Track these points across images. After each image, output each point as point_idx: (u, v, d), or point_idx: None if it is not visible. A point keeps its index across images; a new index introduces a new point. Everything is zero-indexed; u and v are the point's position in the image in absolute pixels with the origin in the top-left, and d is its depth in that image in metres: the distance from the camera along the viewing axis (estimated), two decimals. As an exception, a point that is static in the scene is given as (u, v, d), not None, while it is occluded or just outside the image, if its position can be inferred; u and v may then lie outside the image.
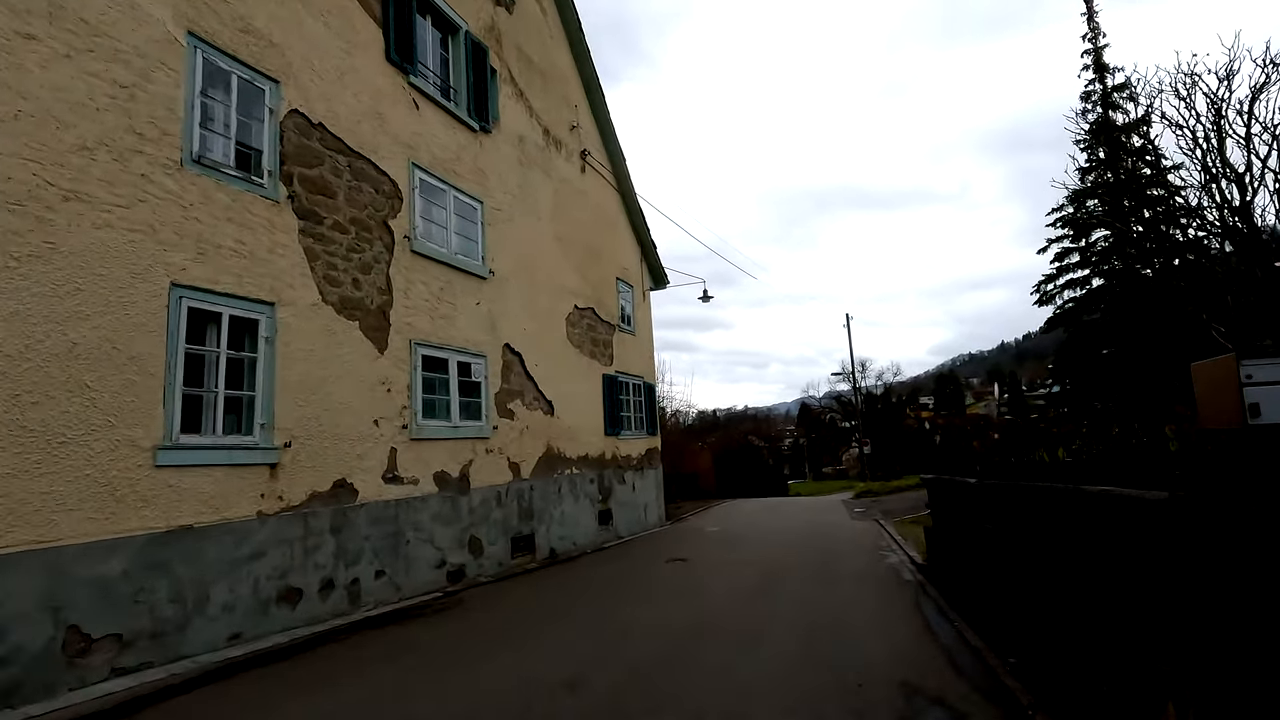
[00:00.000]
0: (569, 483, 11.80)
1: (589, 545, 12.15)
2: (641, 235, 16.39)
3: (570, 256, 12.79)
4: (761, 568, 8.86)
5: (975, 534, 5.71)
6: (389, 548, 7.54)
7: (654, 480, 15.86)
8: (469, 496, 9.01)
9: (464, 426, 9.05)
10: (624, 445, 14.28)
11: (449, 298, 9.03)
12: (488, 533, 9.34)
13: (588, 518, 12.33)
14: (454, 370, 8.98)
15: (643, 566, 9.72)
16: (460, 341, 9.14)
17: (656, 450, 16.28)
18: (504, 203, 10.61)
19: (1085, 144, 20.47)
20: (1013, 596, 4.66)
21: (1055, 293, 21.52)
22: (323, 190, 7.17)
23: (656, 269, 17.13)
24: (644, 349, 16.17)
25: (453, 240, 9.25)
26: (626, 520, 13.98)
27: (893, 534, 12.13)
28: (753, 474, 43.13)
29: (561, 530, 11.34)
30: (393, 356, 7.89)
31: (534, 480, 10.66)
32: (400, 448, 7.86)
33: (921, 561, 8.65)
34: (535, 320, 11.20)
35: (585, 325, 13.12)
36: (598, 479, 12.90)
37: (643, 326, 16.26)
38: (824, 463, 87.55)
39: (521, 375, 10.64)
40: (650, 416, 15.99)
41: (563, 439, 11.71)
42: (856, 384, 37.63)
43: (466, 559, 8.85)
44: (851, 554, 9.96)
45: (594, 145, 14.34)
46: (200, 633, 5.45)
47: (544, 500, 10.91)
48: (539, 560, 10.51)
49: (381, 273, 7.88)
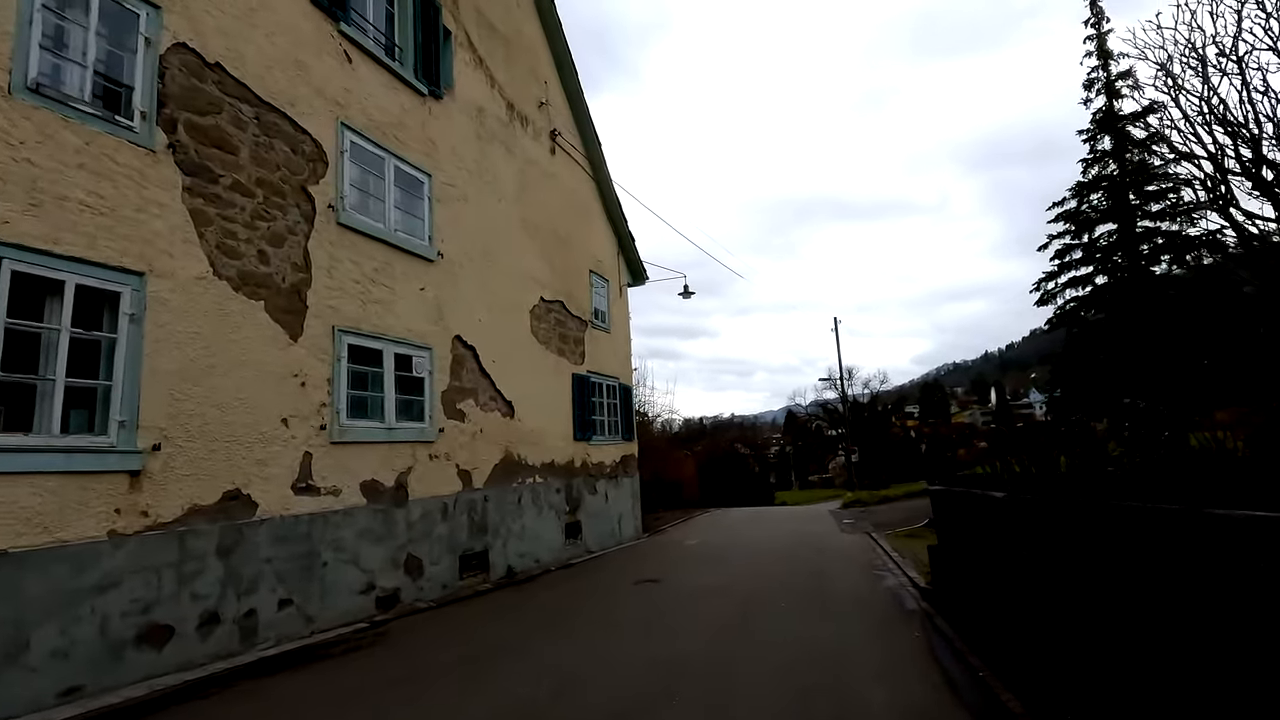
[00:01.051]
0: (531, 493, 10.62)
1: (553, 562, 10.96)
2: (618, 226, 15.30)
3: (537, 244, 11.66)
4: (742, 593, 7.74)
5: (1004, 560, 4.63)
6: (299, 571, 6.32)
7: (629, 489, 14.70)
8: (406, 509, 7.81)
9: (401, 428, 7.86)
10: (596, 451, 13.12)
11: (386, 280, 7.86)
12: (430, 551, 8.14)
13: (552, 531, 11.15)
14: (390, 363, 7.79)
15: (607, 590, 8.56)
16: (399, 331, 7.96)
17: (633, 457, 15.13)
18: (458, 178, 9.47)
19: (1089, 134, 19.70)
20: (1070, 648, 3.57)
21: (1057, 291, 20.58)
22: (220, 143, 6.00)
23: (635, 264, 16.04)
24: (620, 348, 15.05)
25: (392, 215, 8.09)
26: (598, 533, 12.81)
27: (887, 550, 11.06)
28: (738, 482, 42.10)
29: (521, 546, 10.15)
30: (310, 344, 6.70)
31: (489, 490, 9.47)
32: (317, 452, 6.66)
33: (925, 585, 7.57)
34: (494, 311, 10.04)
35: (553, 320, 11.98)
36: (565, 488, 11.73)
37: (619, 324, 15.15)
38: (810, 471, 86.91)
39: (475, 372, 9.46)
40: (626, 421, 14.86)
41: (524, 444, 10.53)
42: (844, 389, 36.75)
43: (402, 582, 7.64)
44: (844, 574, 8.87)
45: (566, 127, 13.26)
46: (13, 689, 4.22)
47: (500, 512, 9.72)
48: (493, 580, 9.31)
49: (298, 246, 6.70)
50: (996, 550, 4.76)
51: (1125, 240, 18.13)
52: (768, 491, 48.73)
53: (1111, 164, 19.03)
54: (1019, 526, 4.26)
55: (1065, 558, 3.55)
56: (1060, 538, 3.58)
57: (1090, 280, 19.47)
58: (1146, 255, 18.06)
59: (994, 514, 4.76)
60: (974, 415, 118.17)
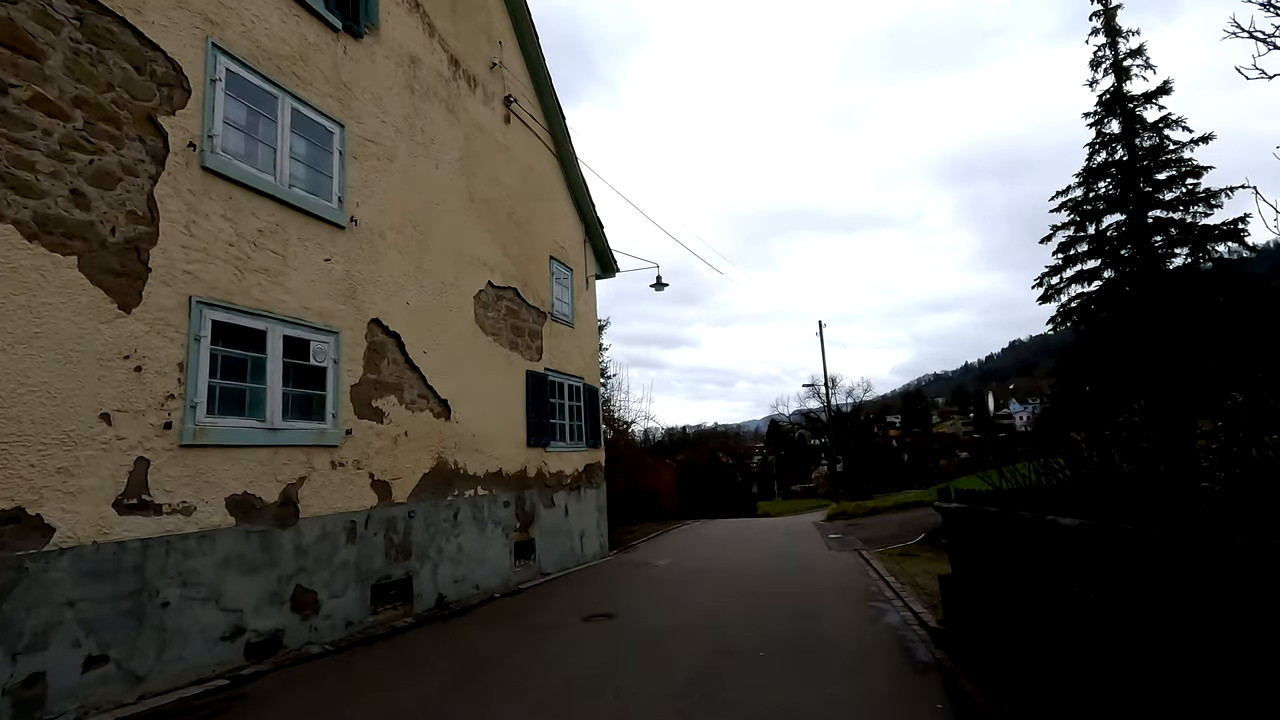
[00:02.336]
0: (471, 507, 9.09)
1: (498, 587, 9.43)
2: (585, 211, 13.88)
3: (487, 222, 10.20)
4: (711, 635, 6.29)
5: (1081, 616, 3.24)
6: (121, 617, 4.76)
7: (594, 502, 13.20)
8: (296, 530, 6.27)
9: (290, 429, 6.33)
10: (554, 459, 11.62)
11: (275, 245, 6.35)
12: (329, 581, 6.59)
13: (498, 552, 9.61)
14: (277, 348, 6.27)
15: (549, 628, 7.05)
16: (291, 309, 6.45)
17: (599, 466, 13.65)
18: (381, 134, 8.00)
19: (1095, 117, 18.56)
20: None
21: (1061, 287, 19.37)
22: (11, 41, 4.48)
23: (603, 253, 14.63)
24: (585, 345, 13.60)
25: (286, 167, 6.59)
26: (555, 552, 11.29)
27: (881, 572, 9.69)
28: (719, 492, 40.61)
29: (457, 570, 8.62)
30: (152, 317, 5.17)
31: (415, 505, 7.94)
32: (159, 458, 5.12)
33: (936, 625, 6.18)
34: (427, 294, 8.55)
35: (504, 309, 10.50)
36: (515, 502, 10.21)
37: (585, 319, 13.70)
38: (793, 480, 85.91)
39: (400, 364, 7.95)
40: (592, 425, 13.38)
41: (463, 450, 9.02)
42: (829, 395, 35.60)
43: (287, 621, 6.08)
44: (836, 606, 7.46)
45: (524, 96, 11.84)
46: None
47: (430, 531, 8.19)
48: (418, 613, 7.76)
49: (139, 190, 5.17)
50: (1066, 601, 3.37)
51: (1136, 231, 16.98)
52: (750, 502, 47.31)
53: (1120, 149, 17.95)
54: (1115, 571, 2.87)
55: (1225, 630, 2.16)
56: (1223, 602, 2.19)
57: (1098, 274, 18.28)
58: (1160, 247, 16.96)
59: (1060, 548, 3.37)
60: (955, 425, 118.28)
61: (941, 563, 11.27)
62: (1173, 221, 16.98)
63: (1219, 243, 16.17)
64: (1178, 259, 16.84)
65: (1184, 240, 16.70)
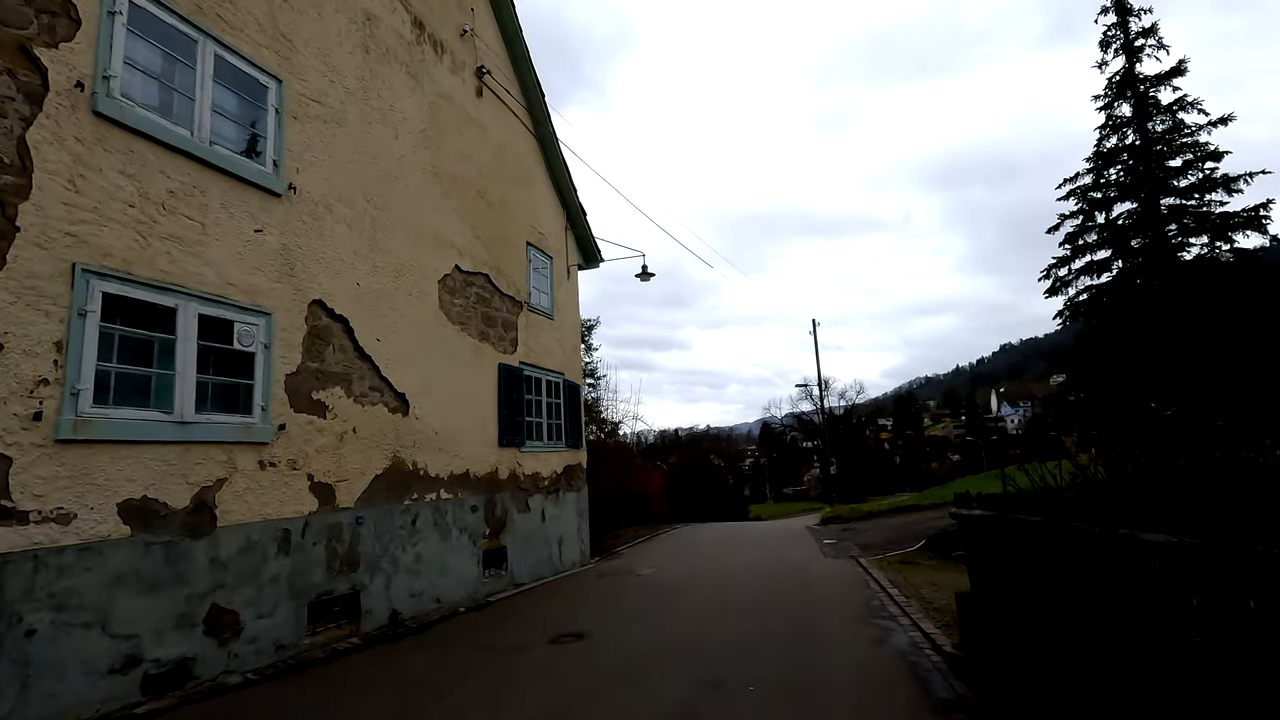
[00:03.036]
0: (433, 512, 8.23)
1: (463, 600, 8.56)
2: (566, 197, 13.05)
3: (455, 201, 9.35)
4: (696, 663, 5.46)
5: (1160, 655, 2.44)
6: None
7: (574, 506, 12.35)
8: (213, 540, 5.40)
9: (207, 423, 5.45)
10: (529, 460, 10.76)
11: (191, 211, 5.48)
12: (256, 598, 5.72)
13: (463, 561, 8.75)
14: (190, 328, 5.39)
15: (510, 650, 6.20)
16: (211, 284, 5.58)
17: (580, 468, 12.80)
18: (330, 95, 7.15)
19: (1105, 100, 17.80)
20: None
21: (1070, 279, 18.57)
22: None
23: (586, 243, 13.79)
24: (566, 339, 12.76)
25: (207, 122, 5.72)
26: (530, 561, 10.43)
27: (883, 583, 8.89)
28: (711, 495, 39.83)
29: (415, 583, 7.75)
30: (18, 286, 4.30)
31: (364, 510, 7.08)
32: (25, 456, 4.24)
33: (953, 648, 5.38)
34: (382, 274, 7.70)
35: (474, 296, 9.65)
36: (484, 506, 9.34)
37: (566, 311, 12.87)
38: (785, 483, 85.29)
39: (348, 351, 7.09)
40: (572, 424, 12.53)
41: (424, 450, 8.16)
42: (822, 396, 34.88)
43: (200, 648, 5.20)
44: (836, 624, 6.65)
45: (499, 70, 11.01)
46: None
47: (383, 540, 7.32)
48: (366, 632, 6.89)
49: (6, 134, 4.31)
50: (1150, 640, 2.56)
51: (1148, 220, 16.20)
52: (741, 505, 46.53)
53: (1131, 134, 17.19)
54: (1234, 610, 2.07)
55: None
56: None
57: (1108, 266, 17.47)
58: (1174, 236, 16.20)
59: (1141, 572, 2.56)
60: (947, 428, 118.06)
61: (946, 572, 10.51)
62: (1187, 210, 16.21)
63: (1239, 231, 15.40)
64: (1193, 249, 16.16)
65: (1200, 229, 15.93)
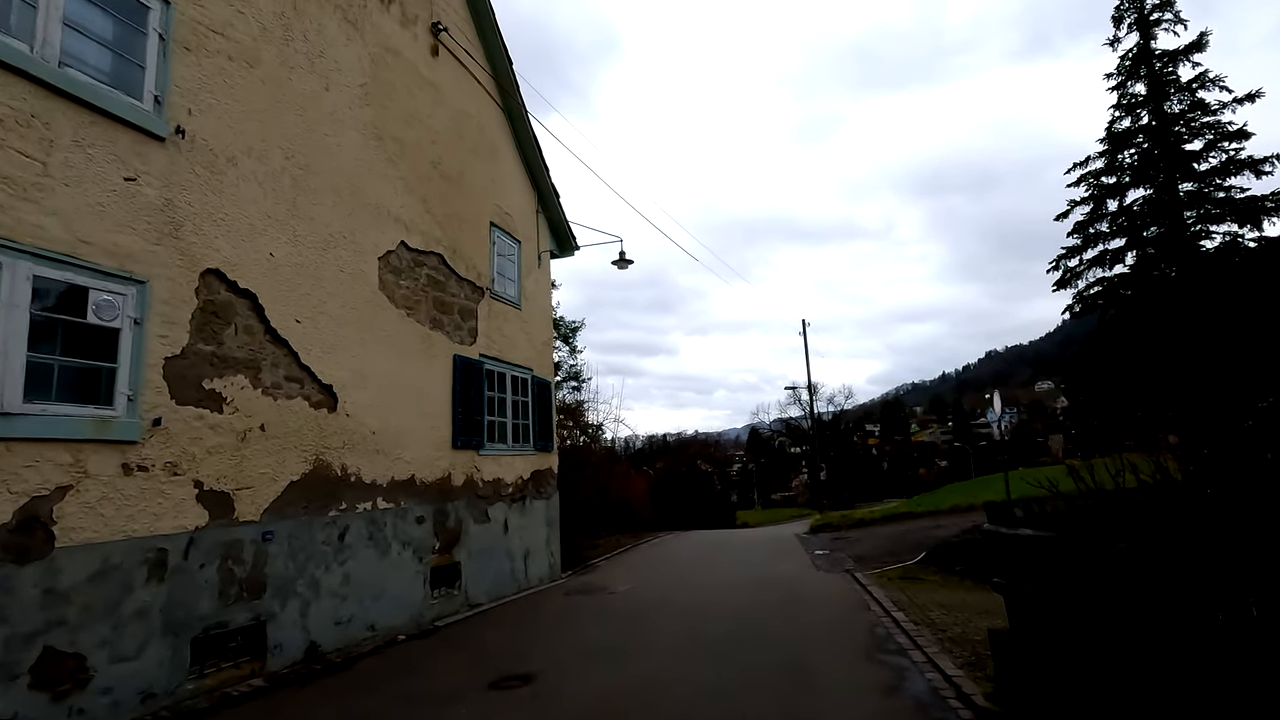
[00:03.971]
0: (367, 525, 7.07)
1: (405, 626, 7.40)
2: (537, 177, 11.96)
3: (403, 170, 8.23)
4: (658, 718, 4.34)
5: None
6: None
7: (543, 515, 11.20)
8: (49, 565, 4.22)
9: (42, 416, 4.28)
10: (490, 464, 9.62)
11: (29, 147, 4.33)
12: (113, 637, 4.53)
13: (406, 580, 7.59)
14: (18, 293, 4.22)
15: (437, 701, 5.05)
16: (54, 240, 4.42)
17: (551, 473, 11.66)
18: (236, 26, 6.01)
19: (1118, 79, 16.88)
20: None
21: (1081, 270, 17.62)
22: None
23: (560, 228, 12.69)
24: (536, 331, 11.64)
25: (57, 38, 4.57)
26: (489, 577, 9.27)
27: (885, 604, 7.84)
28: (698, 501, 38.70)
29: (341, 608, 6.58)
30: None
31: (274, 523, 5.91)
32: None
33: (985, 701, 4.29)
34: (306, 245, 6.55)
35: (424, 278, 8.52)
36: (433, 517, 8.19)
37: (536, 301, 11.75)
38: (773, 489, 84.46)
39: (256, 333, 5.94)
40: (542, 425, 11.40)
41: (357, 452, 7.00)
42: (812, 399, 33.95)
43: (23, 705, 4.02)
44: (835, 662, 5.56)
45: (461, 31, 9.91)
46: None
47: (300, 558, 6.16)
48: (273, 671, 5.71)
49: None
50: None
51: (1165, 206, 15.24)
52: (729, 511, 45.47)
53: (1145, 115, 16.30)
54: None
55: None
56: None
57: (1121, 257, 16.51)
58: (1193, 223, 15.26)
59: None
60: (934, 434, 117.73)
61: (954, 590, 9.48)
62: (1208, 194, 15.34)
63: (1270, 216, 14.54)
64: (1216, 237, 15.23)
65: (1224, 214, 14.99)
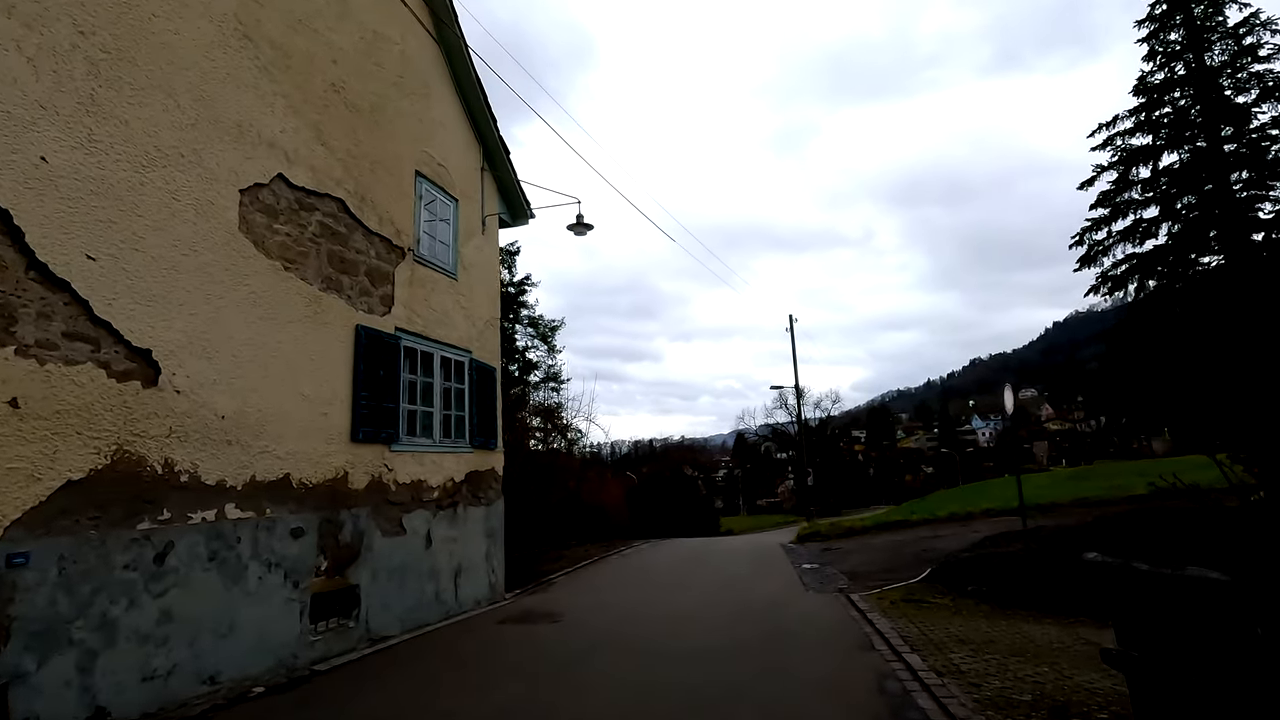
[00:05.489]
0: (207, 541, 5.26)
1: (267, 673, 5.59)
2: (482, 127, 10.22)
3: (284, 85, 6.46)
4: None
5: None
6: None
7: (481, 525, 9.41)
8: None
9: None
10: (406, 464, 7.83)
11: None
12: None
13: (268, 613, 5.77)
14: None
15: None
16: None
17: (494, 475, 9.88)
18: None
19: (1149, 29, 15.28)
20: None
21: (1109, 244, 15.33)
22: None
23: (510, 190, 10.95)
24: (478, 307, 9.87)
25: None
26: (404, 603, 7.48)
27: (892, 641, 6.16)
28: (681, 507, 36.95)
29: (155, 657, 4.76)
30: None
31: (36, 541, 4.10)
32: None
33: None
34: (106, 154, 4.76)
35: (316, 225, 6.74)
36: (317, 529, 6.39)
37: (479, 272, 10.00)
38: (759, 495, 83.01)
39: (12, 268, 4.14)
40: (483, 419, 9.63)
41: (191, 442, 5.20)
42: (800, 398, 32.37)
43: None
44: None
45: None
46: None
47: (82, 591, 4.34)
48: (18, 759, 3.89)
49: None
50: None
51: (1206, 169, 13.63)
52: (712, 517, 43.78)
53: (1181, 66, 14.72)
54: None
55: None
56: None
57: (1154, 230, 14.37)
58: (1240, 190, 13.64)
59: None
60: (920, 441, 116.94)
61: (973, 619, 7.69)
62: (1258, 157, 13.54)
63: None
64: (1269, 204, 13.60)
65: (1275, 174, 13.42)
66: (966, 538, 13.55)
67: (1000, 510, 18.85)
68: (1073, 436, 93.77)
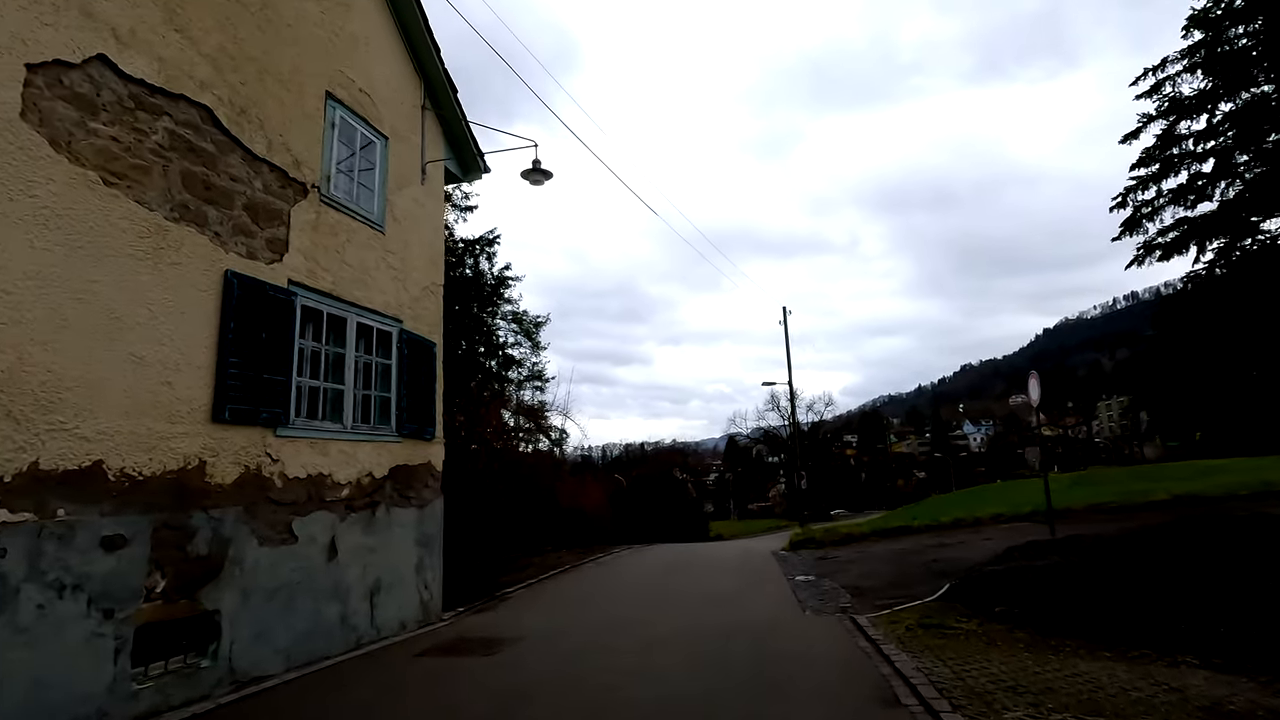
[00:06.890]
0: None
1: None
2: (423, 58, 8.60)
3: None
4: None
5: None
6: None
7: (412, 532, 7.74)
8: None
9: None
10: (300, 452, 6.17)
11: None
12: None
13: (57, 657, 4.10)
14: None
15: None
16: None
17: (430, 471, 8.22)
18: None
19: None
20: None
21: (1159, 205, 13.00)
22: None
23: (459, 137, 9.32)
24: (412, 270, 8.23)
25: None
26: (292, 631, 5.81)
27: (919, 688, 4.57)
28: (669, 511, 35.31)
29: None
30: None
31: None
32: None
33: None
34: None
35: (164, 135, 5.08)
36: (151, 536, 4.72)
37: (414, 227, 8.36)
38: (750, 499, 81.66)
39: None
40: (418, 403, 7.98)
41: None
42: (793, 394, 30.85)
43: None
44: None
45: None
46: None
47: None
48: None
49: None
50: None
51: (1274, 116, 11.93)
52: (702, 522, 42.17)
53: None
54: None
55: None
56: None
57: (1208, 191, 12.23)
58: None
59: None
60: (911, 445, 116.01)
61: (1013, 652, 5.98)
62: None
63: None
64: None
65: None
66: (980, 547, 12.06)
67: (1011, 516, 17.37)
68: (1064, 442, 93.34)
